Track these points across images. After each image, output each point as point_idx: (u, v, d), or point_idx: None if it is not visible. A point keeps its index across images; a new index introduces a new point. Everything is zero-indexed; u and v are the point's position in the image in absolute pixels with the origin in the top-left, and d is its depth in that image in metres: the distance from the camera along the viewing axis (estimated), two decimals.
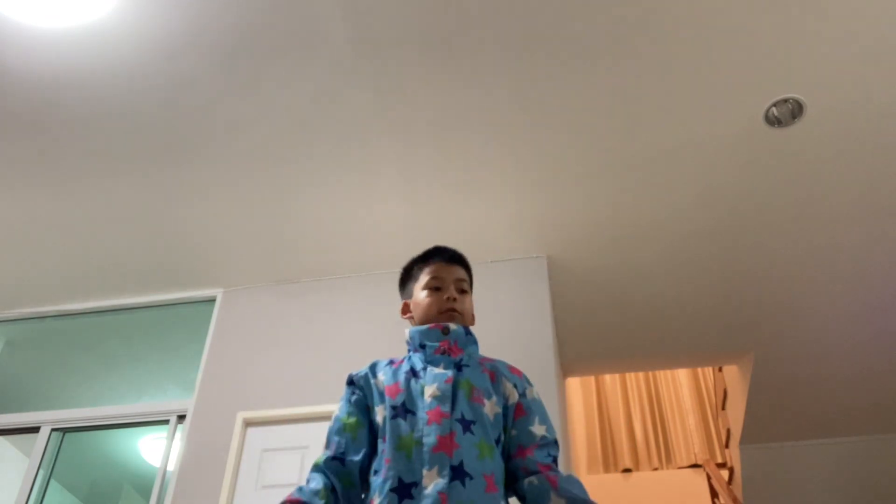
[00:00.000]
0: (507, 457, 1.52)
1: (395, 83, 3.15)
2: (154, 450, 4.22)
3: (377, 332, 3.89)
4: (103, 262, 4.09)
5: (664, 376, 6.94)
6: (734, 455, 5.57)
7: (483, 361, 1.64)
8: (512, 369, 1.66)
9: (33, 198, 3.72)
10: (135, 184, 3.63)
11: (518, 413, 1.57)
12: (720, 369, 5.77)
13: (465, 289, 1.75)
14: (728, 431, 5.66)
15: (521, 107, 3.23)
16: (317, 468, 1.57)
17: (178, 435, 3.80)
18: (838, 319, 4.37)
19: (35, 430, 3.99)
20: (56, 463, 3.97)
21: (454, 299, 1.69)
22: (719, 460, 6.18)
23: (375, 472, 1.49)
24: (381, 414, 1.55)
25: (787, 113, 3.20)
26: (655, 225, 3.80)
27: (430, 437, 1.45)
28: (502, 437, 1.53)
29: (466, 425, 1.47)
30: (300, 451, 3.58)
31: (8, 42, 2.97)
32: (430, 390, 1.53)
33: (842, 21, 2.86)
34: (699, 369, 6.67)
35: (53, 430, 3.98)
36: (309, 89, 3.18)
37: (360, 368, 1.71)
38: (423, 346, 1.63)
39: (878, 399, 4.96)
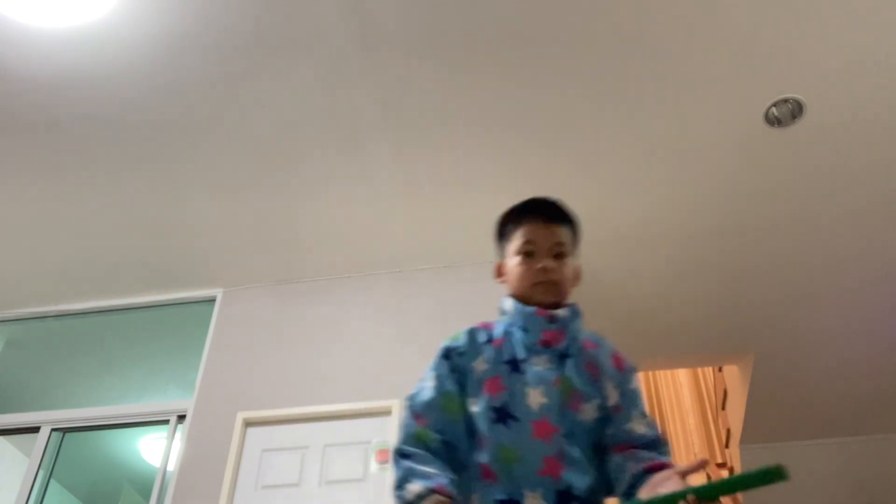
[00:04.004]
0: (602, 450, 1.37)
1: (395, 83, 3.15)
2: (154, 450, 4.22)
3: (377, 332, 3.89)
4: (103, 262, 4.09)
5: (664, 376, 6.93)
6: (734, 455, 5.57)
7: (586, 347, 1.45)
8: (615, 360, 1.46)
9: (33, 198, 3.71)
10: (135, 183, 3.63)
11: (616, 410, 1.39)
12: (720, 369, 5.77)
13: (563, 252, 1.50)
14: (728, 431, 5.66)
15: (520, 107, 3.23)
16: (424, 446, 1.34)
17: (178, 435, 3.80)
18: (838, 319, 4.37)
19: (35, 430, 3.99)
20: (56, 463, 3.97)
21: (549, 269, 1.46)
22: (719, 460, 6.17)
23: (473, 472, 1.34)
24: (477, 407, 1.38)
25: (787, 113, 3.20)
26: (655, 225, 3.80)
27: (535, 457, 1.31)
28: (600, 439, 1.38)
29: (569, 437, 1.33)
30: (300, 451, 3.58)
31: (8, 42, 2.97)
32: (535, 395, 1.36)
33: (842, 21, 2.86)
34: (699, 369, 6.66)
35: (53, 430, 3.98)
36: (309, 90, 3.18)
37: (457, 337, 1.51)
38: (524, 329, 1.44)
39: (878, 399, 4.96)
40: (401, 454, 1.34)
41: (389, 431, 3.52)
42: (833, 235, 3.81)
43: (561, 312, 1.44)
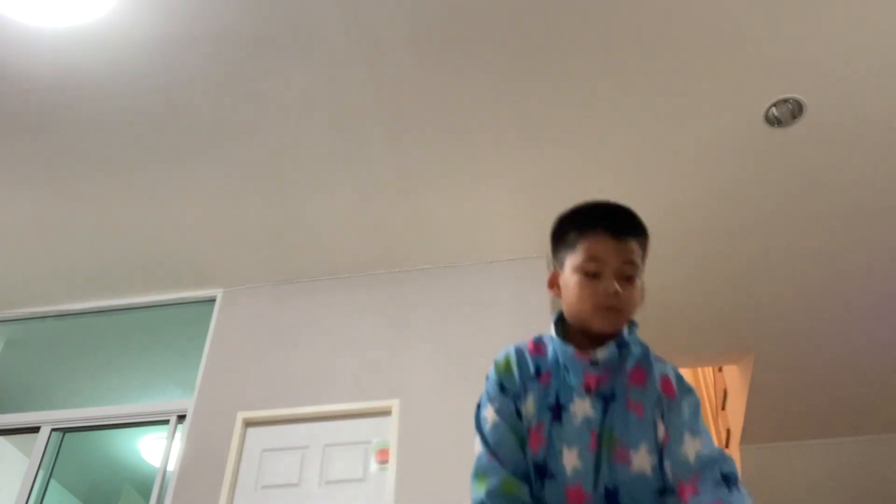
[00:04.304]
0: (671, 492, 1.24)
1: (395, 84, 3.15)
2: (154, 450, 4.22)
3: (377, 332, 3.89)
4: (103, 262, 4.09)
5: None
6: (734, 455, 5.57)
7: (632, 382, 1.29)
8: (664, 386, 1.29)
9: (33, 198, 3.71)
10: (135, 184, 3.63)
11: (667, 440, 1.24)
12: (720, 369, 5.77)
13: (632, 274, 1.31)
14: (728, 431, 5.66)
15: (520, 107, 3.23)
16: (514, 499, 1.24)
17: (178, 435, 3.80)
18: (838, 319, 4.37)
19: (35, 430, 3.99)
20: (56, 463, 3.97)
21: (615, 295, 1.27)
22: None
23: None
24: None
25: (787, 113, 3.20)
26: (654, 225, 3.76)
27: None
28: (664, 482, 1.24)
29: (611, 497, 1.22)
30: (300, 451, 3.58)
31: (8, 42, 2.97)
32: (570, 458, 1.25)
33: (842, 21, 2.86)
34: (699, 369, 6.67)
35: (53, 430, 3.98)
36: (308, 90, 3.18)
37: (507, 365, 1.36)
38: (566, 367, 1.31)
39: (878, 399, 4.96)
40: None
41: (389, 431, 3.52)
42: (833, 235, 3.81)
43: (602, 355, 1.28)
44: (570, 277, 1.32)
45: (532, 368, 1.34)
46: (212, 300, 4.25)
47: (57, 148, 3.45)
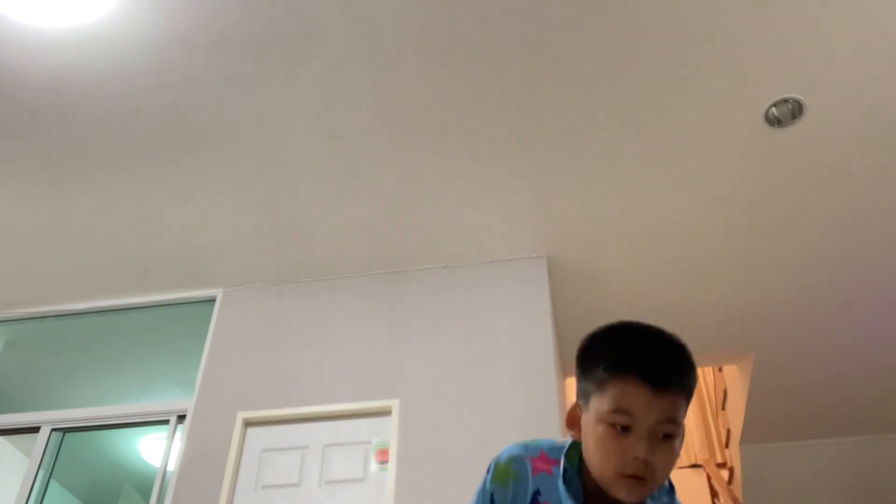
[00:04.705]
0: None
1: (395, 84, 3.15)
2: (154, 450, 4.22)
3: (377, 332, 3.89)
4: (103, 262, 4.09)
5: None
6: (734, 455, 5.57)
7: None
8: None
9: (33, 198, 3.71)
10: (135, 184, 3.63)
11: None
12: (720, 369, 5.77)
13: (672, 433, 1.05)
14: (728, 431, 5.66)
15: (520, 107, 3.23)
16: None
17: (178, 435, 3.80)
18: (838, 319, 4.37)
19: (35, 430, 3.99)
20: (56, 463, 3.97)
21: (645, 462, 1.03)
22: (719, 460, 6.18)
23: None
24: None
25: (787, 113, 3.20)
26: (655, 225, 3.80)
27: None
28: None
29: None
30: (300, 451, 3.58)
31: (8, 42, 2.97)
32: None
33: (842, 21, 2.86)
34: (699, 369, 6.66)
35: (53, 430, 3.98)
36: (308, 90, 3.18)
37: (504, 477, 1.17)
38: None
39: (878, 399, 4.96)
40: None
41: (389, 431, 3.52)
42: (833, 235, 3.81)
43: None
44: (593, 425, 1.08)
45: (530, 493, 1.15)
46: (212, 300, 4.25)
47: (56, 148, 3.45)
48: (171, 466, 3.69)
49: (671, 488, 1.14)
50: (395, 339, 3.84)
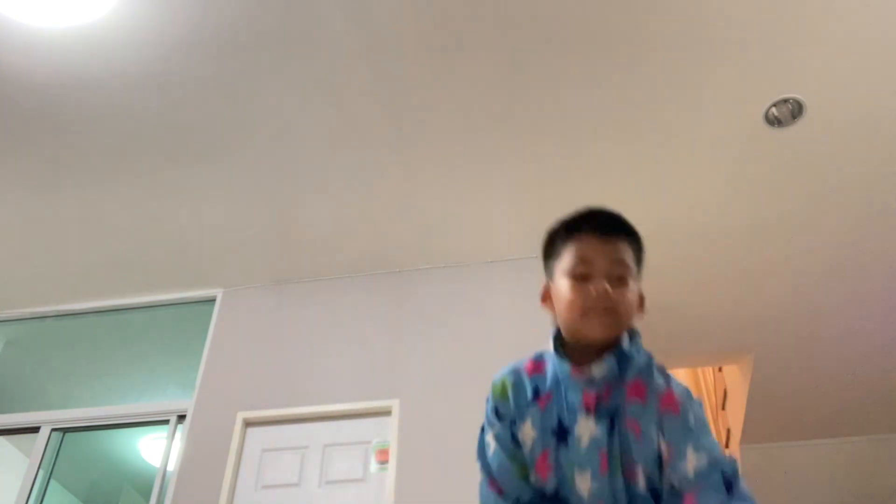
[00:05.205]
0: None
1: (395, 84, 3.15)
2: (154, 450, 4.22)
3: (377, 332, 3.89)
4: (103, 262, 4.09)
5: None
6: (734, 455, 5.57)
7: (630, 398, 1.21)
8: (663, 403, 1.20)
9: (33, 198, 3.71)
10: (135, 184, 3.63)
11: (669, 455, 1.17)
12: (720, 369, 5.77)
13: (625, 275, 1.23)
14: (728, 431, 5.66)
15: (520, 107, 3.23)
16: None
17: (178, 435, 3.80)
18: (838, 319, 4.37)
19: (35, 430, 3.99)
20: (56, 463, 3.97)
21: (606, 295, 1.19)
22: None
23: None
24: (534, 481, 1.24)
25: (787, 113, 3.20)
26: (654, 225, 3.79)
27: None
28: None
29: None
30: (300, 451, 3.58)
31: (8, 42, 2.97)
32: (583, 481, 1.19)
33: (842, 21, 2.86)
34: (699, 369, 6.66)
35: (53, 430, 3.98)
36: (309, 90, 3.17)
37: (503, 388, 1.29)
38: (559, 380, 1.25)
39: (878, 399, 4.96)
40: None
41: (389, 431, 3.52)
42: (833, 235, 3.81)
43: (599, 371, 1.20)
44: (560, 285, 1.25)
45: (529, 392, 1.26)
46: (212, 300, 4.25)
47: (56, 148, 3.45)
48: (171, 466, 3.69)
49: (636, 332, 1.27)
50: (395, 339, 3.84)
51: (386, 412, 3.58)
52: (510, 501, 1.25)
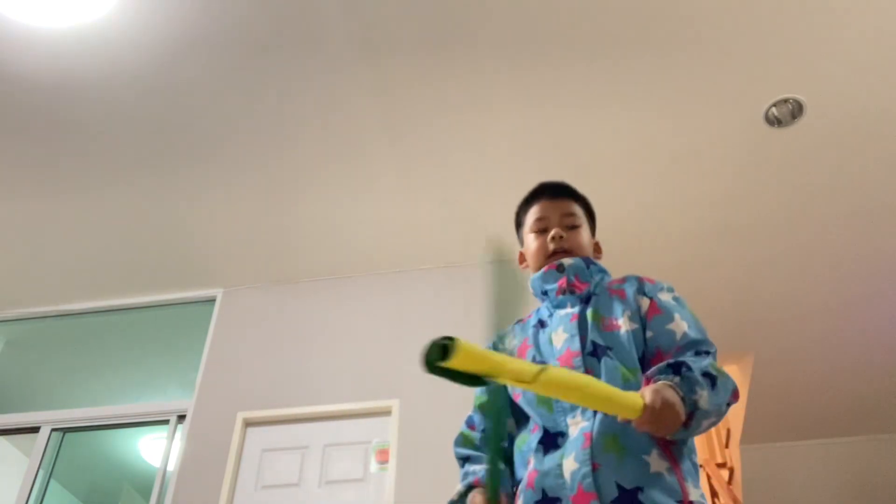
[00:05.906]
0: (646, 364, 1.33)
1: (395, 84, 3.15)
2: (154, 450, 4.22)
3: (377, 332, 3.89)
4: (103, 261, 4.09)
5: None
6: (734, 455, 5.57)
7: (612, 285, 1.47)
8: (643, 279, 1.48)
9: (33, 198, 3.71)
10: (135, 184, 3.63)
11: (652, 312, 1.39)
12: None
13: (575, 224, 1.54)
14: (728, 431, 5.66)
15: (520, 107, 3.23)
16: (472, 446, 1.57)
17: (178, 435, 3.80)
18: (838, 319, 4.37)
19: (35, 430, 3.99)
20: (56, 463, 3.97)
21: (560, 237, 1.50)
22: (719, 460, 6.17)
23: (521, 431, 1.40)
24: None
25: (787, 113, 3.20)
26: (654, 225, 3.80)
27: None
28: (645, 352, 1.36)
29: (602, 352, 1.33)
30: (300, 451, 3.58)
31: (8, 42, 2.97)
32: (557, 336, 1.39)
33: (842, 21, 2.86)
34: None
35: (53, 430, 3.98)
36: (309, 90, 3.18)
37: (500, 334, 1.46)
38: (545, 293, 1.47)
39: (877, 399, 4.96)
40: (458, 457, 1.59)
41: (389, 431, 3.52)
42: (833, 235, 3.81)
43: (567, 260, 1.46)
44: (527, 242, 1.57)
45: (515, 323, 1.51)
46: (212, 300, 4.25)
47: (56, 148, 3.45)
48: (171, 466, 3.69)
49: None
50: (395, 339, 3.84)
51: (386, 412, 3.58)
52: (474, 432, 1.56)
